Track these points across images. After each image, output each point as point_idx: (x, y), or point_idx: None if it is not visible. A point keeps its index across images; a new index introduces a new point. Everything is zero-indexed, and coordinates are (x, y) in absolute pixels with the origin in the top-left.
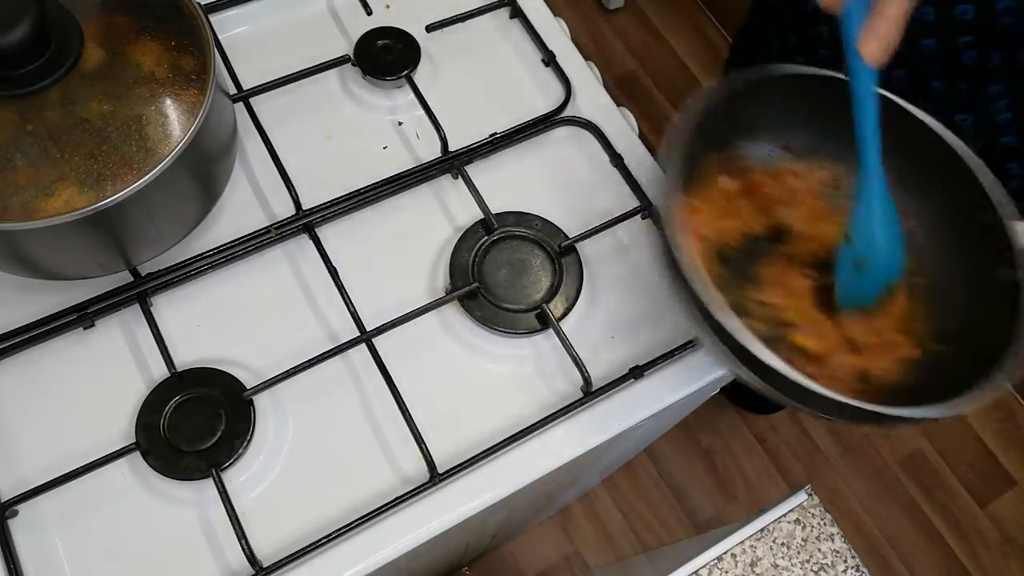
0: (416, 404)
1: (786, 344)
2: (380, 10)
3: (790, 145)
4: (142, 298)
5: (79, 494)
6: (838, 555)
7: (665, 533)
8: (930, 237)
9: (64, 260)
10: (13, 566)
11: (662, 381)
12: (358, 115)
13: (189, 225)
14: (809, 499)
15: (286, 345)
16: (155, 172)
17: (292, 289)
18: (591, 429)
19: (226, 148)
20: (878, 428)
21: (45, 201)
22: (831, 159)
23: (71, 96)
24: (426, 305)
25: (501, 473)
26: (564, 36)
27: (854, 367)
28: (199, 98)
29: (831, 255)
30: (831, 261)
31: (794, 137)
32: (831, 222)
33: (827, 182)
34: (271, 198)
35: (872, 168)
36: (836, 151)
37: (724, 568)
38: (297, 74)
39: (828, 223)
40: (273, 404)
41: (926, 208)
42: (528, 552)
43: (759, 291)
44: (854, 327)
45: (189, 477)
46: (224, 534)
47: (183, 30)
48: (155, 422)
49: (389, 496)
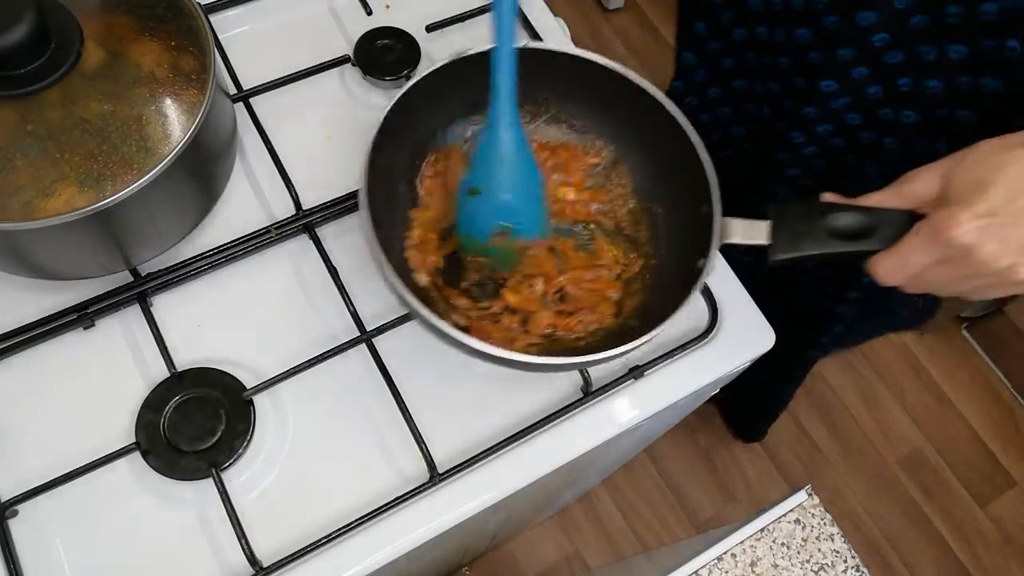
0: (416, 404)
1: (500, 300)
2: (380, 10)
3: (574, 124)
4: (142, 298)
5: (79, 494)
6: (838, 555)
7: (665, 533)
8: (665, 221)
9: (64, 260)
10: (13, 566)
11: (662, 381)
12: (358, 115)
13: (189, 225)
14: (809, 499)
15: (286, 345)
16: (155, 172)
17: (292, 289)
18: (591, 429)
19: (226, 148)
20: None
21: (45, 201)
22: (604, 139)
23: (71, 96)
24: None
25: (501, 473)
26: (564, 36)
27: (549, 324)
28: (199, 98)
29: (565, 220)
30: (564, 226)
31: (578, 116)
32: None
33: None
34: (271, 198)
35: (499, 102)
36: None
37: (724, 568)
38: (297, 74)
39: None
40: (273, 404)
41: (667, 196)
42: (528, 552)
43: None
44: (570, 288)
45: (189, 477)
46: (224, 534)
47: (183, 30)
48: (155, 422)
49: (389, 496)
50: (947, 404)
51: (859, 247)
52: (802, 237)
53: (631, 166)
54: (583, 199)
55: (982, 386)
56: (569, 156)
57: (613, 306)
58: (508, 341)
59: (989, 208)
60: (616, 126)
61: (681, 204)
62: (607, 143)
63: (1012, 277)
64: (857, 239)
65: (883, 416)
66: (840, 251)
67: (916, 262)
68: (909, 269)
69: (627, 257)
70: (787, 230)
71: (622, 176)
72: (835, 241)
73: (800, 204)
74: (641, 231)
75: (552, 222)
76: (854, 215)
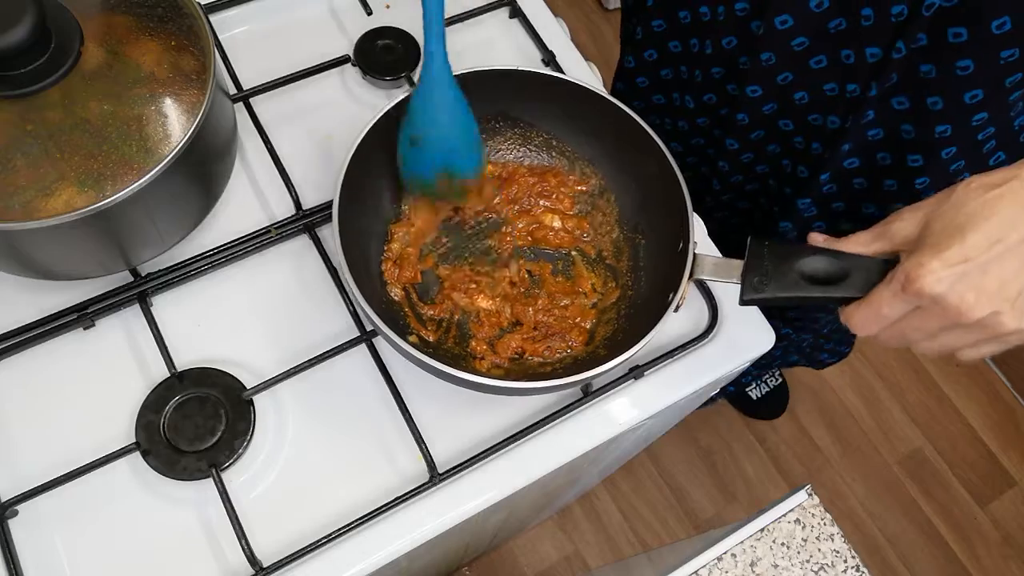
0: (416, 404)
1: (475, 315)
2: (380, 10)
3: (565, 150)
4: (142, 298)
5: (79, 494)
6: (838, 555)
7: (665, 533)
8: (647, 253)
9: (64, 260)
10: (13, 566)
11: (662, 381)
12: (358, 115)
13: (189, 225)
14: (809, 499)
15: (286, 345)
16: (155, 172)
17: (292, 289)
18: (591, 429)
19: (226, 148)
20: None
21: (45, 201)
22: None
23: (71, 96)
24: None
25: (501, 473)
26: (564, 36)
27: (517, 348)
28: (199, 98)
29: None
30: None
31: (564, 140)
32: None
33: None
34: (271, 198)
35: (432, 49)
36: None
37: (724, 568)
38: (297, 74)
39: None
40: (273, 404)
41: (650, 228)
42: (528, 552)
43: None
44: (547, 314)
45: (189, 477)
46: (224, 534)
47: (183, 30)
48: (155, 422)
49: (389, 496)
50: (947, 404)
51: (832, 292)
52: (774, 280)
53: (618, 195)
54: (568, 227)
55: (982, 386)
56: (558, 182)
57: (585, 334)
58: (475, 360)
59: (964, 255)
60: (605, 154)
61: (663, 237)
62: (596, 170)
63: (998, 329)
64: (830, 284)
65: (883, 416)
66: (812, 295)
67: (889, 313)
68: (883, 320)
69: (605, 286)
70: (759, 271)
71: (609, 204)
72: (808, 285)
73: (777, 245)
74: (623, 261)
75: (534, 247)
76: (828, 260)
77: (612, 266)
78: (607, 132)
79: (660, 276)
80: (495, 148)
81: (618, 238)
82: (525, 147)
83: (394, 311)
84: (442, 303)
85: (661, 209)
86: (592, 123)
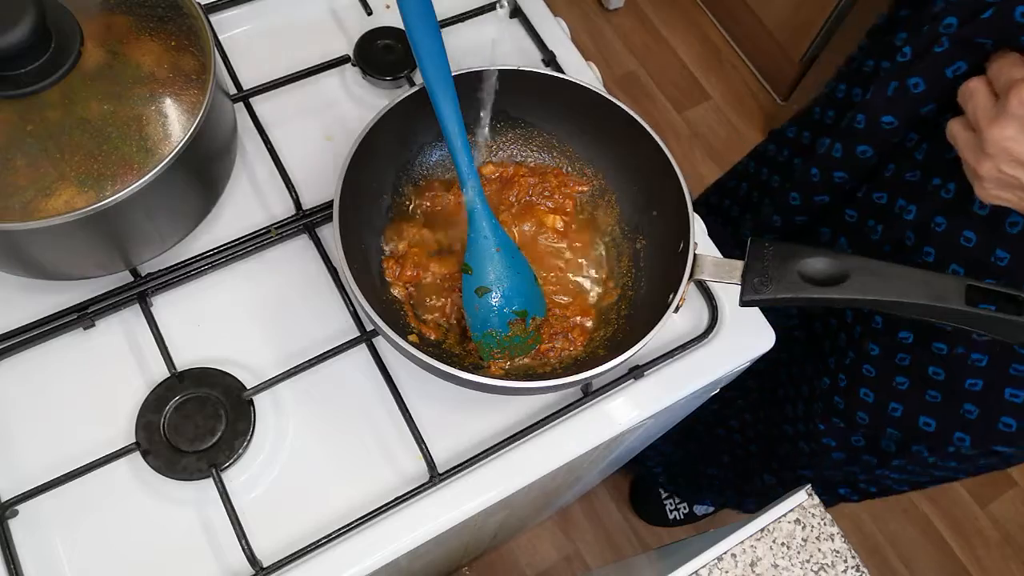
0: (416, 404)
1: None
2: (380, 10)
3: (566, 150)
4: (142, 298)
5: (79, 494)
6: (838, 555)
7: (665, 533)
8: (647, 254)
9: (64, 260)
10: (13, 566)
11: (662, 381)
12: (358, 115)
13: (189, 225)
14: (809, 499)
15: (286, 345)
16: (155, 172)
17: (292, 289)
18: (591, 429)
19: (226, 148)
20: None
21: (45, 201)
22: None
23: (71, 96)
24: None
25: (501, 473)
26: (564, 36)
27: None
28: (199, 98)
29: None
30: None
31: (570, 143)
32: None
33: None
34: (271, 198)
35: (473, 194)
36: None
37: (724, 568)
38: (297, 74)
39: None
40: (273, 404)
41: (651, 229)
42: (528, 552)
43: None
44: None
45: (189, 477)
46: (224, 534)
47: (183, 30)
48: (155, 422)
49: (389, 496)
50: None
51: (832, 293)
52: (774, 281)
53: (619, 195)
54: (570, 227)
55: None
56: (559, 182)
57: (585, 334)
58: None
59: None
60: (606, 155)
61: (663, 238)
62: (597, 171)
63: None
64: (830, 285)
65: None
66: (813, 296)
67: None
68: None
69: (605, 286)
70: (760, 272)
71: (610, 205)
72: (808, 286)
73: (778, 245)
74: (623, 262)
75: (535, 247)
76: (828, 260)
77: (612, 267)
78: (607, 132)
79: (660, 276)
80: (495, 148)
81: (619, 239)
82: (526, 147)
83: (394, 311)
84: (443, 303)
85: (661, 209)
86: (592, 123)
